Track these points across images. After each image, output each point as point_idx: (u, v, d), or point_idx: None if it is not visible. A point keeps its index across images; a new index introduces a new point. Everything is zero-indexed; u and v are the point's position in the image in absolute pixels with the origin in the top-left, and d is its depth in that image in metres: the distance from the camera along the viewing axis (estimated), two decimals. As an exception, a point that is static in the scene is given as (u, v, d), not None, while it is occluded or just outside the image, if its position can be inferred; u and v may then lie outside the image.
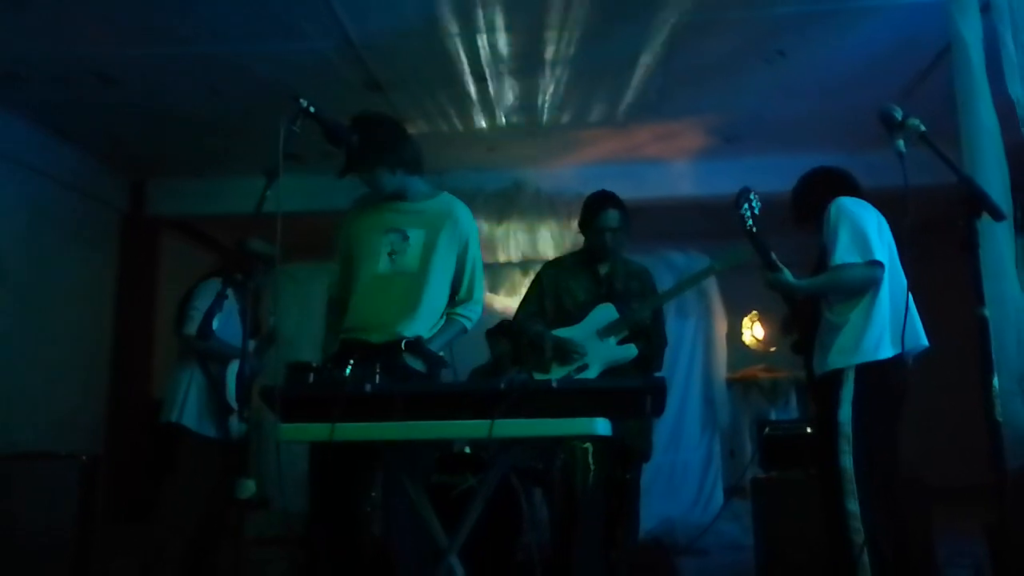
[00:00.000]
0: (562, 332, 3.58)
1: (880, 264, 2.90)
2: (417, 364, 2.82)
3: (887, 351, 2.86)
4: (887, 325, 2.89)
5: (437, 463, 4.24)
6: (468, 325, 3.03)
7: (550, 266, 3.86)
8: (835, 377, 2.89)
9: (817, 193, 3.17)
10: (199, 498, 3.83)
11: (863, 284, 2.91)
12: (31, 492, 4.05)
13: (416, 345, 2.80)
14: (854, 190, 3.16)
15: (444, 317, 2.99)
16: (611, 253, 3.65)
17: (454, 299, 3.02)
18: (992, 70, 3.31)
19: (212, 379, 3.92)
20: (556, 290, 3.68)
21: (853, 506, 2.75)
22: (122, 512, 5.68)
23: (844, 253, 2.90)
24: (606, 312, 3.58)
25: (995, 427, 1.99)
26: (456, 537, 2.39)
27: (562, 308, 3.65)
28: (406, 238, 2.95)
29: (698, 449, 6.58)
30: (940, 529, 3.68)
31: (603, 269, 3.69)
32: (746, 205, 3.07)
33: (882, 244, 2.94)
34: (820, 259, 3.09)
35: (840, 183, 3.19)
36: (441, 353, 2.91)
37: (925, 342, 3.02)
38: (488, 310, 3.42)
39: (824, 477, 2.92)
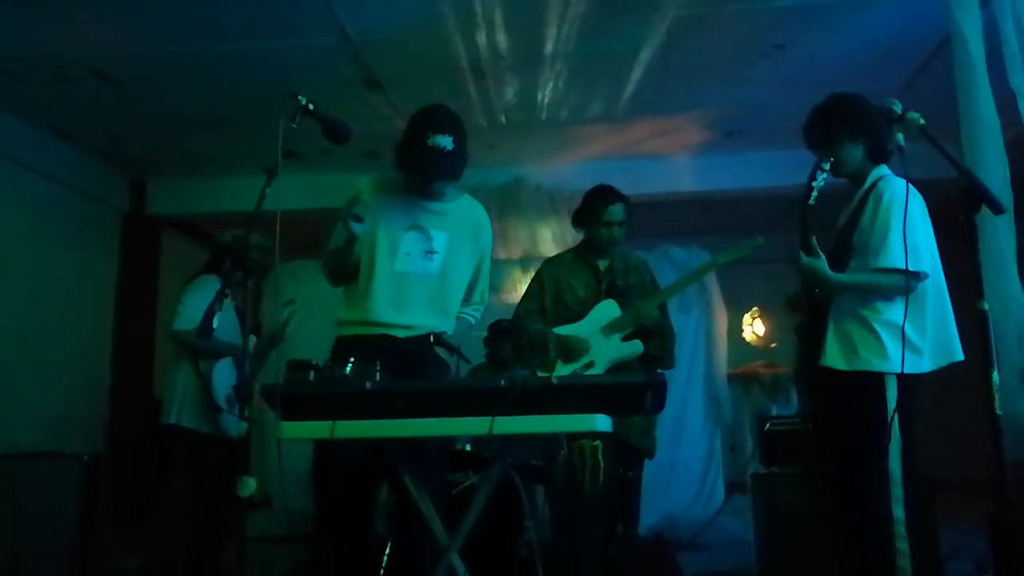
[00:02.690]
0: (564, 330, 3.56)
1: (921, 275, 2.70)
2: (443, 354, 2.94)
3: (926, 365, 2.73)
4: (931, 338, 2.74)
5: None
6: (474, 321, 3.15)
7: (549, 263, 3.82)
8: (876, 379, 2.70)
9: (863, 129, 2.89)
10: (200, 497, 3.83)
11: (901, 292, 2.69)
12: (33, 492, 4.04)
13: (442, 339, 2.88)
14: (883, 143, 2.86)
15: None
16: (614, 248, 3.65)
17: (466, 301, 3.08)
18: (992, 63, 3.30)
19: (202, 377, 3.92)
20: (556, 287, 3.66)
21: (899, 512, 2.63)
22: (123, 513, 5.67)
23: (893, 257, 2.67)
24: (608, 308, 3.55)
25: (995, 420, 1.99)
26: (457, 535, 2.39)
27: (563, 305, 3.62)
28: (429, 238, 2.92)
29: (699, 445, 6.58)
30: (943, 522, 3.68)
31: (603, 264, 3.67)
32: (822, 177, 2.84)
33: (929, 250, 2.75)
34: (842, 235, 2.90)
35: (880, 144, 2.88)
36: None
37: (960, 356, 2.79)
38: (487, 308, 3.40)
39: (865, 479, 2.72)
